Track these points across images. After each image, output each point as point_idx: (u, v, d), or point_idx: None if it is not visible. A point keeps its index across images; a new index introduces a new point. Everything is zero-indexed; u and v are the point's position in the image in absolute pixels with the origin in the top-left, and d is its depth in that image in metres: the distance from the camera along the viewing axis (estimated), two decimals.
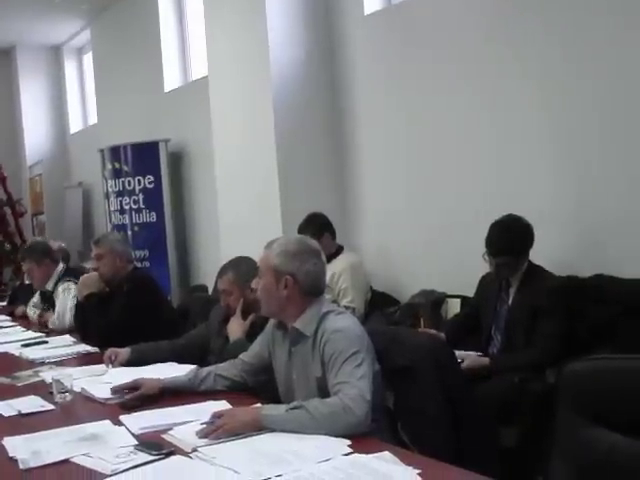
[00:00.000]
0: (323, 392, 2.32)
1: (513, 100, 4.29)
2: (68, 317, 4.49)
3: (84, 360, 3.63)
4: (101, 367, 3.25)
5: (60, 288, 4.73)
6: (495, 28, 4.37)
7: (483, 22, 4.45)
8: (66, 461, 2.07)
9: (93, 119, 10.31)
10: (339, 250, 4.92)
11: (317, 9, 5.54)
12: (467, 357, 3.49)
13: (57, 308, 4.67)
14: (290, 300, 2.47)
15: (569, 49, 3.95)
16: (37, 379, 3.21)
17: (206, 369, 2.78)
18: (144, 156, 7.60)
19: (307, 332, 2.44)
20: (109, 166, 7.83)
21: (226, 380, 2.72)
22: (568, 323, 3.45)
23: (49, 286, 4.89)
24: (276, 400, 2.55)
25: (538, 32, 4.10)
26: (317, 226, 4.83)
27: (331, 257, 4.86)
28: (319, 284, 2.53)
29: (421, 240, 4.97)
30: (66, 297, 4.60)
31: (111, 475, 1.93)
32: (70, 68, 11.03)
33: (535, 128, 4.18)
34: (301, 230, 4.82)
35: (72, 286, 4.58)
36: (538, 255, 3.65)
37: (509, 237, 3.55)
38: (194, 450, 2.05)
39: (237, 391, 2.69)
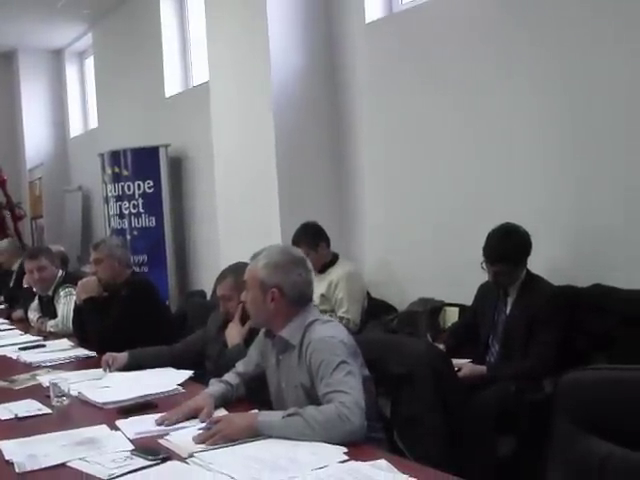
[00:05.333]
0: (312, 401, 2.31)
1: (514, 111, 4.29)
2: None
3: (82, 364, 3.63)
4: (98, 371, 3.25)
5: (62, 293, 4.74)
6: (498, 36, 4.38)
7: (485, 30, 4.46)
8: (62, 465, 2.07)
9: (93, 123, 10.33)
10: (334, 259, 4.87)
11: (318, 16, 5.55)
12: (464, 365, 3.50)
13: (61, 312, 4.66)
14: (278, 312, 2.48)
15: (569, 62, 3.97)
16: (34, 383, 3.21)
17: (225, 378, 2.68)
18: (144, 161, 7.60)
19: (293, 341, 2.45)
20: (109, 170, 7.83)
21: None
22: (565, 332, 3.45)
23: (49, 291, 4.89)
24: (268, 406, 2.54)
25: (541, 42, 4.11)
26: (312, 236, 4.76)
27: (327, 266, 4.81)
28: (306, 293, 2.52)
29: (420, 248, 4.97)
30: (69, 301, 4.60)
31: None
32: (71, 72, 11.05)
33: (535, 139, 4.18)
34: (295, 241, 4.76)
35: (74, 291, 4.58)
36: (536, 265, 3.65)
37: (506, 245, 3.55)
38: (190, 455, 2.05)
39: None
